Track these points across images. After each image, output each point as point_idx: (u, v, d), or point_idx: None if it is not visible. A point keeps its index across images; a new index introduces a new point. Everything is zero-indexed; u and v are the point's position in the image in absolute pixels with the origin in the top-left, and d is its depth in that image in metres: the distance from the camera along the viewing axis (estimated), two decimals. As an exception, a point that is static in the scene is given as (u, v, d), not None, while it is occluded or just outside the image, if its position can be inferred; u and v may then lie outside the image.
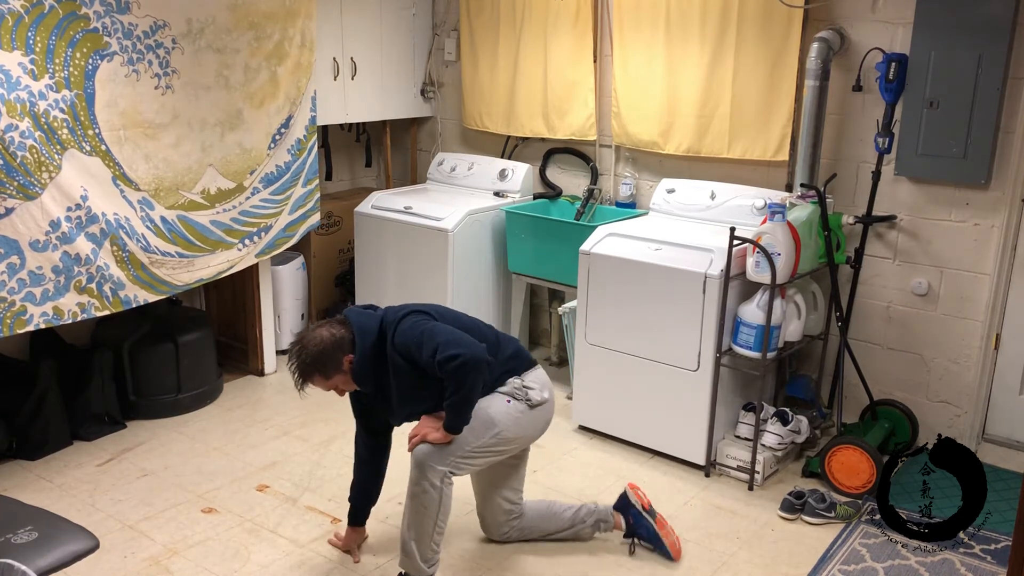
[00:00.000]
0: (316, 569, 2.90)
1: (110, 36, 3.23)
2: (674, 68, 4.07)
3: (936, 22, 3.39)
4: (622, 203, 4.41)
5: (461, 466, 2.65)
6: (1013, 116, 3.35)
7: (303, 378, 2.65)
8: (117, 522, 3.14)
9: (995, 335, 3.57)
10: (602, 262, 3.67)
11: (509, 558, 2.97)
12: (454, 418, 2.60)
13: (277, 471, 3.52)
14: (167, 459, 3.61)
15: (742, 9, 3.81)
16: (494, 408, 2.69)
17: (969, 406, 3.65)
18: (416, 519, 2.65)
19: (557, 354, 4.73)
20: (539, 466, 3.60)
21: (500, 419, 2.68)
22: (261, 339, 4.43)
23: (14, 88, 2.94)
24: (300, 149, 4.04)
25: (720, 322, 3.38)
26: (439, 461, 2.61)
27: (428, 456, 2.61)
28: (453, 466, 2.63)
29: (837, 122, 3.74)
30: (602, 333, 3.72)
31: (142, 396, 3.96)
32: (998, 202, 3.44)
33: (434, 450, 2.61)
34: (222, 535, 3.08)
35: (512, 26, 4.59)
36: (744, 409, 3.60)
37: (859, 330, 3.83)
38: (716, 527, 3.18)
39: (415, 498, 2.64)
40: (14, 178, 2.96)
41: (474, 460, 2.67)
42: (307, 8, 3.93)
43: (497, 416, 2.68)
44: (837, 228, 3.66)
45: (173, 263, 3.56)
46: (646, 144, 4.26)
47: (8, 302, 3.04)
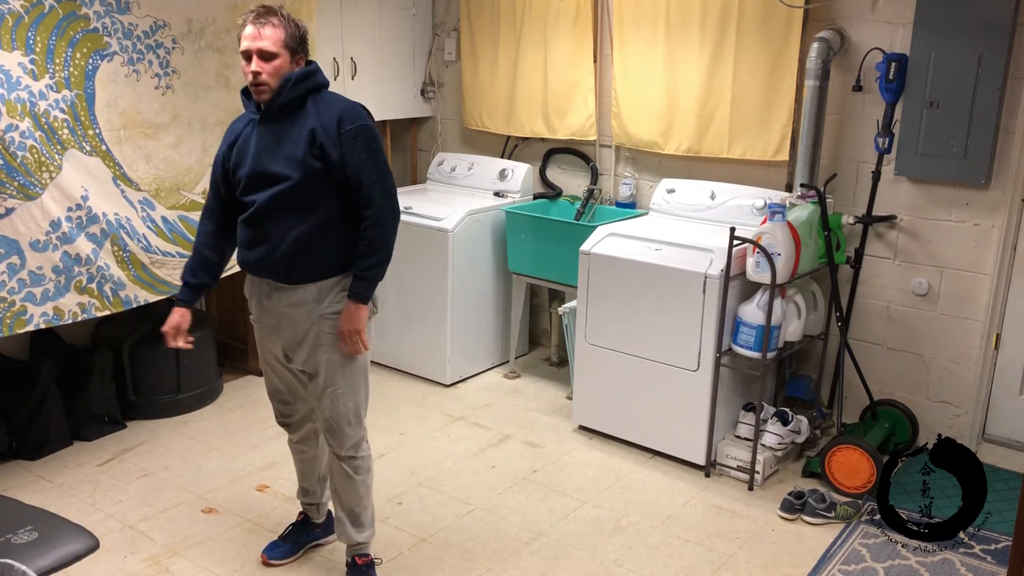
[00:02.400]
0: (316, 569, 2.90)
1: (110, 36, 3.23)
2: (674, 68, 4.07)
3: (936, 22, 3.39)
4: (622, 203, 4.41)
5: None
6: (1013, 116, 3.35)
7: (266, 10, 2.41)
8: (117, 522, 3.14)
9: (995, 335, 3.57)
10: (602, 262, 3.67)
11: (509, 558, 2.97)
12: (369, 286, 2.49)
13: (277, 471, 3.52)
14: (167, 459, 3.61)
15: (742, 9, 3.81)
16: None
17: (969, 406, 3.65)
18: (366, 487, 2.68)
19: (557, 354, 4.74)
20: (539, 466, 3.60)
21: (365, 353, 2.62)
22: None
23: (14, 88, 2.94)
24: (300, 149, 4.04)
25: (720, 322, 3.39)
26: (361, 422, 2.64)
27: (351, 418, 2.60)
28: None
29: (837, 122, 3.74)
30: (602, 333, 3.72)
31: (142, 396, 3.96)
32: (998, 202, 3.44)
33: (352, 407, 2.59)
34: (222, 535, 3.08)
35: (512, 26, 4.59)
36: (744, 409, 3.60)
37: (859, 330, 3.83)
38: (716, 527, 3.18)
39: (360, 470, 2.65)
40: (14, 178, 2.96)
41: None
42: (307, 8, 3.93)
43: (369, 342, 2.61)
44: (837, 228, 3.66)
45: (174, 263, 3.56)
46: (646, 144, 4.26)
47: (8, 302, 3.04)
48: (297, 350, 2.58)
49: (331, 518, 3.00)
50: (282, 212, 2.46)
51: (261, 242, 2.51)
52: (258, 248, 2.52)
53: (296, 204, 2.46)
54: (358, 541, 2.74)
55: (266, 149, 2.47)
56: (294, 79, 2.44)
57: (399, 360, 4.52)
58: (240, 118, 2.61)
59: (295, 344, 2.58)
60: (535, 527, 3.16)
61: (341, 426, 2.61)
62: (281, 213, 2.47)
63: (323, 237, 2.49)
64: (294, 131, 2.44)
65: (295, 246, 2.47)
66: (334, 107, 2.47)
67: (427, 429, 3.92)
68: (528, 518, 3.22)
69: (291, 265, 2.49)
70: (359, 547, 2.76)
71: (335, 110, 2.46)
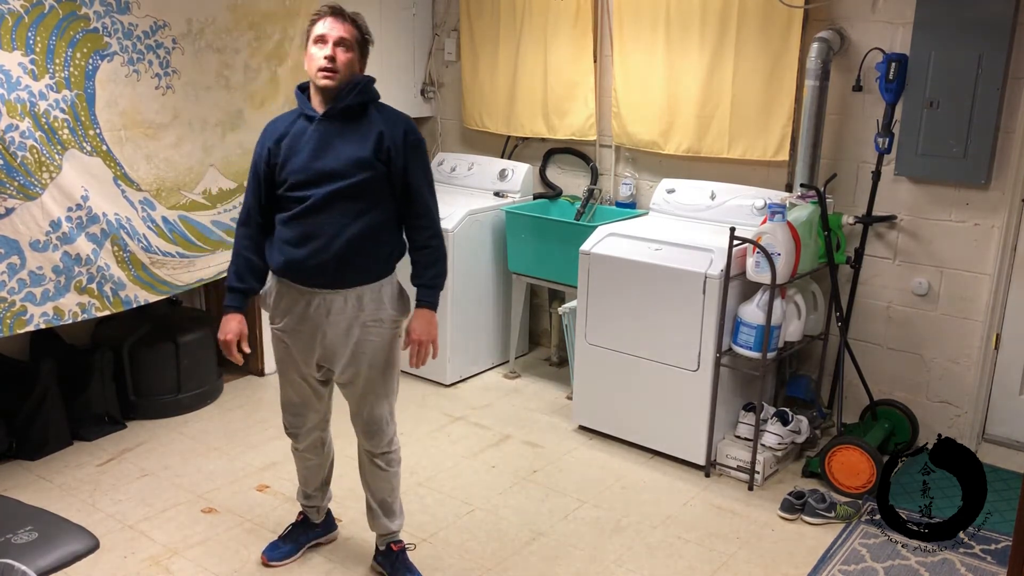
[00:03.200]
0: (316, 569, 2.90)
1: (110, 36, 3.23)
2: (674, 68, 4.07)
3: (936, 22, 3.39)
4: (622, 203, 4.41)
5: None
6: (1013, 116, 3.35)
7: (343, 10, 2.48)
8: (117, 522, 3.14)
9: (995, 335, 3.57)
10: (602, 262, 3.67)
11: (509, 558, 2.97)
12: (438, 294, 2.57)
13: (277, 471, 3.52)
14: (167, 459, 3.61)
15: (742, 9, 3.81)
16: (397, 347, 2.67)
17: (969, 406, 3.65)
18: (397, 477, 2.75)
19: (557, 354, 4.74)
20: (539, 466, 3.60)
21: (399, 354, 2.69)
22: (261, 339, 4.43)
23: (14, 88, 2.94)
24: (300, 149, 4.04)
25: (720, 322, 3.39)
26: (394, 418, 2.71)
27: (388, 417, 2.67)
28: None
29: (837, 122, 3.74)
30: (602, 333, 3.72)
31: (142, 396, 3.96)
32: (998, 202, 3.44)
33: (388, 408, 2.67)
34: (222, 535, 3.08)
35: (512, 26, 4.59)
36: (744, 409, 3.60)
37: (859, 330, 3.83)
38: (716, 527, 3.18)
39: (393, 462, 2.72)
40: (14, 178, 2.96)
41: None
42: (307, 8, 3.93)
43: (398, 354, 2.68)
44: (837, 228, 3.66)
45: (174, 263, 3.56)
46: (646, 144, 4.26)
47: (8, 302, 3.04)
48: (336, 360, 2.59)
49: (330, 517, 3.02)
50: (338, 210, 2.46)
51: (312, 239, 2.47)
52: (309, 244, 2.48)
53: (353, 204, 2.46)
54: (392, 530, 2.81)
55: (326, 147, 2.47)
56: (363, 84, 2.50)
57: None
58: (282, 117, 2.61)
59: (334, 354, 2.58)
60: (535, 527, 3.16)
61: (381, 427, 2.67)
62: (337, 211, 2.46)
63: (374, 239, 2.51)
64: (358, 133, 2.47)
65: (349, 244, 2.46)
66: (399, 117, 2.55)
67: (427, 429, 3.92)
68: (528, 518, 3.22)
69: (342, 263, 2.48)
70: (392, 535, 2.83)
71: (400, 120, 2.54)
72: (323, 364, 2.62)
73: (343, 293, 2.52)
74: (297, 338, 2.60)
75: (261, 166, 2.56)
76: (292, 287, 2.56)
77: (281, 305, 2.61)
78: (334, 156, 2.46)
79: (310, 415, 2.75)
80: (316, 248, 2.47)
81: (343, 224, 2.46)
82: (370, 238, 2.50)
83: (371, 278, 2.54)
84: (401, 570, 2.80)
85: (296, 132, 2.51)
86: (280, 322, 2.63)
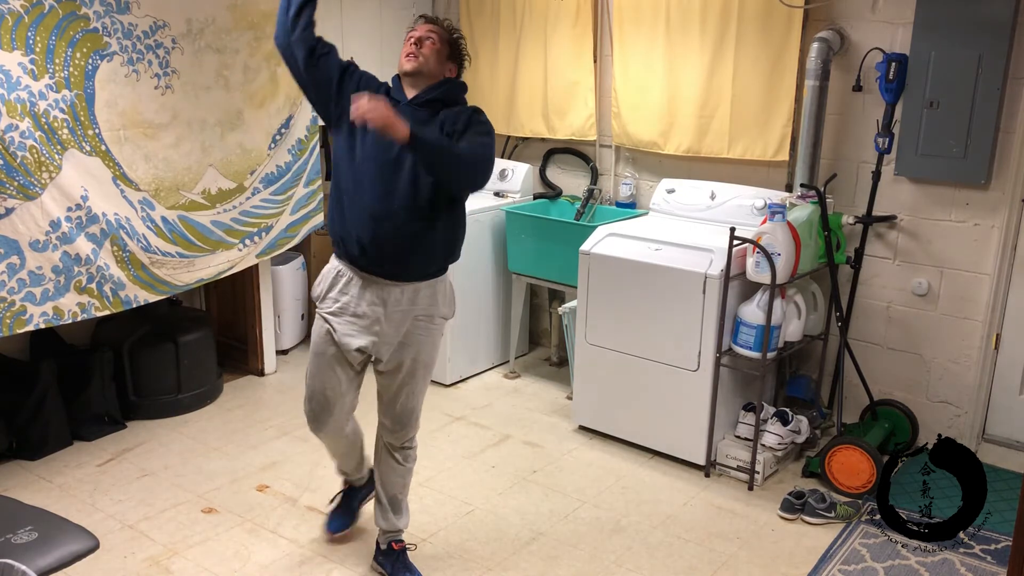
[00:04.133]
0: (316, 569, 2.90)
1: (110, 36, 3.23)
2: (674, 68, 4.07)
3: (936, 22, 3.39)
4: (622, 203, 4.41)
5: None
6: (1013, 116, 3.35)
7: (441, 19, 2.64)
8: (117, 522, 3.14)
9: (995, 335, 3.56)
10: (602, 262, 3.67)
11: (509, 558, 2.97)
12: (429, 139, 2.36)
13: (277, 471, 3.52)
14: (167, 459, 3.61)
15: (742, 9, 3.81)
16: (438, 349, 2.76)
17: (969, 406, 3.65)
18: (411, 473, 2.82)
19: (557, 354, 4.74)
20: (539, 466, 3.60)
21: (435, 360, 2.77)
22: (261, 339, 4.43)
23: (14, 88, 2.94)
24: (301, 149, 4.04)
25: (720, 322, 3.38)
26: (419, 417, 2.77)
27: (417, 419, 2.75)
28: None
29: (837, 122, 3.74)
30: (602, 333, 3.72)
31: (142, 396, 3.96)
32: (998, 202, 3.44)
33: (420, 411, 2.74)
34: (222, 535, 3.08)
35: (512, 26, 4.59)
36: (744, 409, 3.60)
37: (859, 330, 3.83)
38: (716, 527, 3.18)
39: (409, 459, 2.79)
40: (14, 178, 2.96)
41: None
42: (307, 8, 3.93)
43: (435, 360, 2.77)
44: (837, 228, 3.66)
45: (174, 263, 3.56)
46: (646, 144, 4.26)
47: (8, 302, 3.04)
48: (382, 347, 2.62)
49: (373, 475, 2.97)
50: (407, 198, 2.49)
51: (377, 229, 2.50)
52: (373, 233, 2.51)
53: (420, 196, 2.49)
54: (398, 527, 2.84)
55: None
56: (450, 83, 2.61)
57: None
58: (378, 82, 2.66)
59: (382, 342, 2.61)
60: (535, 527, 3.16)
61: (409, 421, 2.74)
62: (406, 197, 2.49)
63: (435, 230, 2.55)
64: (429, 127, 2.51)
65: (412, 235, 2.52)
66: (467, 107, 2.62)
67: (427, 429, 3.91)
68: (528, 518, 3.22)
69: (403, 256, 2.54)
70: (396, 533, 2.86)
71: (466, 108, 2.60)
72: (365, 347, 2.61)
73: (399, 286, 2.57)
74: (344, 321, 2.60)
75: (334, 70, 2.56)
76: (356, 274, 2.59)
77: (339, 286, 2.61)
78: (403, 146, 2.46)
79: (336, 407, 2.71)
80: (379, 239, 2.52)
81: (409, 216, 2.51)
82: (433, 229, 2.56)
83: (435, 271, 2.64)
84: (401, 570, 2.81)
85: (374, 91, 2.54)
86: (330, 306, 2.63)
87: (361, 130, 2.44)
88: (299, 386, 4.32)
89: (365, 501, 3.08)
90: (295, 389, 4.29)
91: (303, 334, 4.90)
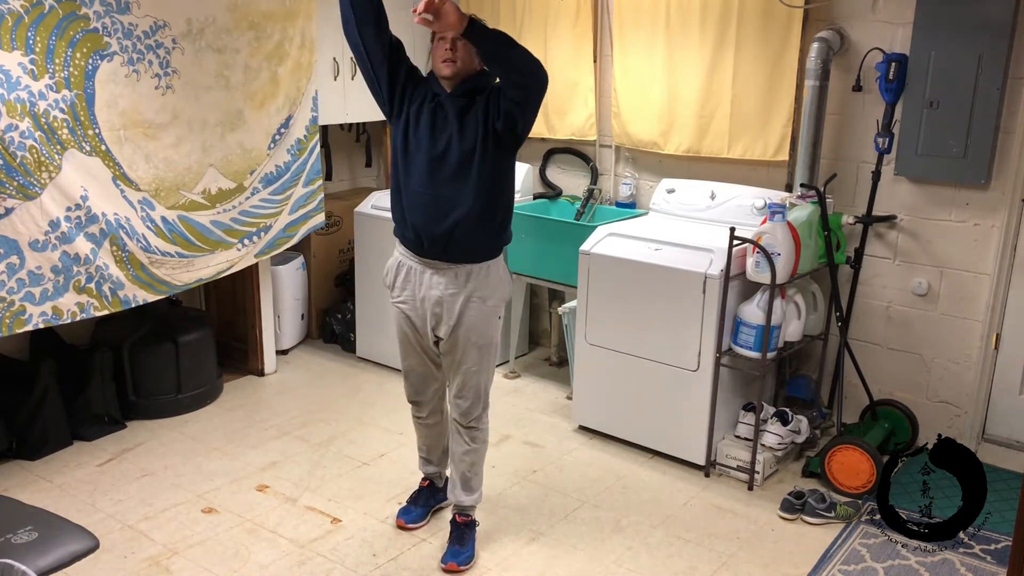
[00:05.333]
0: (316, 569, 2.90)
1: (110, 36, 3.22)
2: (674, 68, 4.07)
3: (936, 22, 3.39)
4: (622, 203, 4.41)
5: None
6: (1013, 116, 3.35)
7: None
8: (117, 522, 3.14)
9: (995, 335, 3.57)
10: (602, 262, 3.67)
11: (509, 558, 2.97)
12: (488, 33, 2.55)
13: (277, 471, 3.52)
14: (167, 459, 3.61)
15: (742, 9, 3.81)
16: (495, 329, 2.85)
17: (969, 406, 3.65)
18: (480, 455, 2.94)
19: (557, 354, 4.74)
20: (539, 466, 3.60)
21: (498, 338, 2.89)
22: (261, 339, 4.43)
23: (14, 88, 2.94)
24: (300, 149, 4.04)
25: (720, 322, 3.38)
26: (487, 397, 2.89)
27: (482, 399, 2.87)
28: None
29: (837, 122, 3.74)
30: (602, 333, 3.72)
31: (142, 396, 3.96)
32: (998, 202, 3.44)
33: (485, 391, 2.87)
34: (222, 535, 3.08)
35: (512, 26, 4.59)
36: (744, 409, 3.60)
37: (859, 330, 3.83)
38: (716, 527, 3.18)
39: (477, 439, 2.91)
40: (14, 178, 2.96)
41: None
42: (307, 8, 3.93)
43: (497, 338, 2.88)
44: (837, 228, 3.66)
45: (173, 263, 3.56)
46: (646, 144, 4.26)
47: (7, 302, 3.04)
48: (440, 327, 2.80)
49: (446, 484, 3.17)
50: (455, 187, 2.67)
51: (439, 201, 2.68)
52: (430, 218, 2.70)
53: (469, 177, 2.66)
54: (466, 504, 2.98)
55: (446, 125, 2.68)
56: (485, 74, 2.73)
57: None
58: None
59: (439, 320, 2.79)
60: (535, 527, 3.16)
61: (472, 398, 2.86)
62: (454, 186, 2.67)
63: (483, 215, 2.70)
64: (470, 114, 2.67)
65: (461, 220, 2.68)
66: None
67: (427, 429, 3.92)
68: (528, 518, 3.22)
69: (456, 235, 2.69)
70: (466, 509, 2.98)
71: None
72: (429, 325, 2.81)
73: (452, 268, 2.74)
74: (411, 307, 2.83)
75: (405, 60, 2.77)
76: (414, 260, 2.79)
77: (401, 275, 2.84)
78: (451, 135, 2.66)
79: (430, 384, 3.00)
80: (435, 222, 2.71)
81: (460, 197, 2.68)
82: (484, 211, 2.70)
83: (480, 258, 2.76)
84: (455, 541, 2.94)
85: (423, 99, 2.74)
86: (397, 291, 2.86)
87: (414, 123, 2.69)
88: (299, 386, 4.35)
89: (439, 507, 3.21)
90: (295, 389, 4.29)
91: (303, 334, 4.90)
